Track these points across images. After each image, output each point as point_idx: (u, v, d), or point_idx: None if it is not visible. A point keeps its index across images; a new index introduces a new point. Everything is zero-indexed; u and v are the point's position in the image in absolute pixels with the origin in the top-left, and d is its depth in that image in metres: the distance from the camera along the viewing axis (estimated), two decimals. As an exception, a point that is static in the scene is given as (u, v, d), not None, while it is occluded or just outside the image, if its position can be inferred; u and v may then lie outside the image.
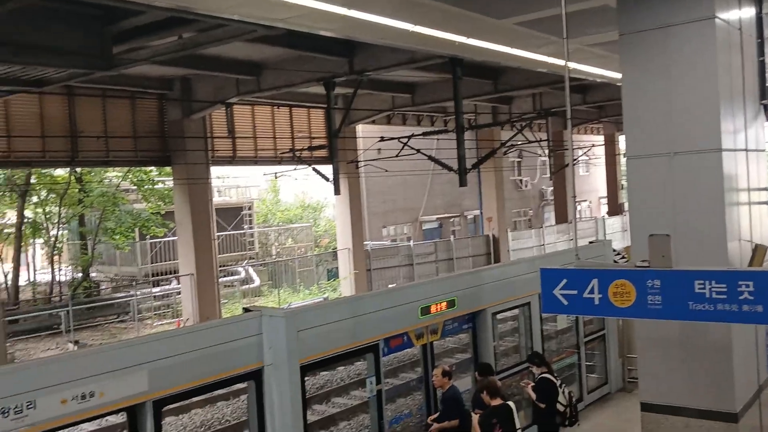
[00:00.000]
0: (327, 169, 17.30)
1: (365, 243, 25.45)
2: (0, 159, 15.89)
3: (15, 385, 5.57)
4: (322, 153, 19.86)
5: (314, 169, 17.35)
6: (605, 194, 40.29)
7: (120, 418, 10.47)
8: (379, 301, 9.07)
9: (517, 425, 8.09)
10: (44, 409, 5.71)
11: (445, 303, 9.58)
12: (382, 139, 16.89)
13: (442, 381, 8.91)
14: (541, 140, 21.77)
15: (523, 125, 17.94)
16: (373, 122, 24.39)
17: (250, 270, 26.74)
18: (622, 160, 31.58)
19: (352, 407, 13.39)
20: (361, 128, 24.94)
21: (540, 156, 34.46)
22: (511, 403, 8.18)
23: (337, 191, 17.03)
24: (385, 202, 32.00)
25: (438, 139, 17.75)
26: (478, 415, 8.20)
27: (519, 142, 20.09)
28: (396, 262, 26.04)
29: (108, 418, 8.93)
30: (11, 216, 24.69)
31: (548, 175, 35.20)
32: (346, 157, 19.56)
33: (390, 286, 24.85)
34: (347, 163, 19.66)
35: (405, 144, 16.08)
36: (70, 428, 6.08)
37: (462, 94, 15.27)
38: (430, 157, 16.08)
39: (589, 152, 32.76)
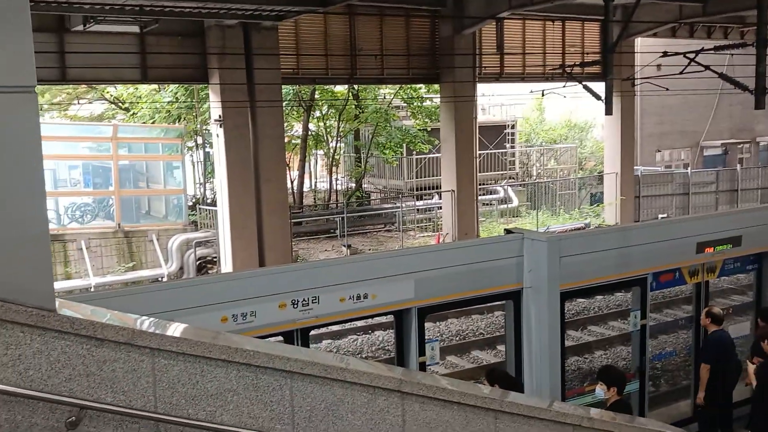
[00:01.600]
0: (599, 87, 16.33)
1: (635, 168, 23.92)
2: (289, 76, 17.46)
3: (305, 282, 6.26)
4: (595, 69, 18.80)
5: (585, 86, 16.47)
6: None
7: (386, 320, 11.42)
8: (652, 233, 8.52)
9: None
10: (326, 304, 6.37)
11: (727, 240, 8.70)
12: (665, 54, 15.41)
13: (705, 321, 8.24)
14: None
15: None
16: (655, 35, 22.32)
17: (509, 190, 26.75)
18: None
19: (609, 338, 13.05)
20: (640, 42, 23.02)
21: None
22: (797, 356, 7.33)
23: (608, 111, 16.01)
24: (661, 124, 29.57)
25: (731, 54, 15.72)
26: (756, 364, 7.48)
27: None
28: (669, 191, 24.18)
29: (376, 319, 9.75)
30: (298, 128, 27.30)
31: None
32: (620, 74, 18.28)
33: (660, 216, 23.27)
34: (622, 81, 18.39)
35: (692, 60, 14.53)
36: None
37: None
38: (720, 75, 14.37)
39: None
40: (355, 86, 24.46)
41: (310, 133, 26.37)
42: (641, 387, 8.40)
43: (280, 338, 6.13)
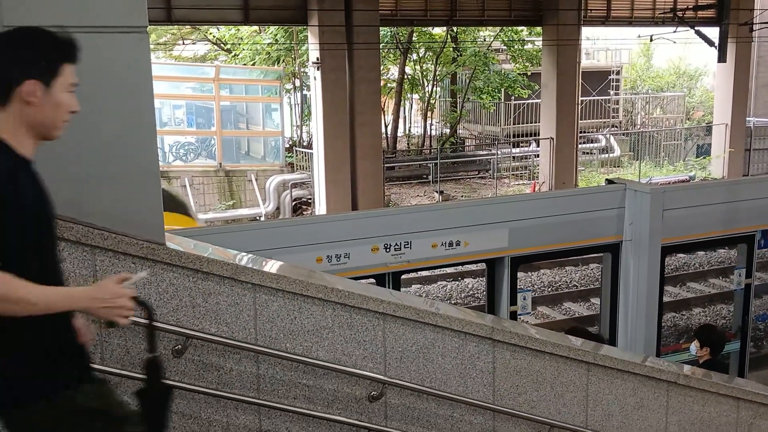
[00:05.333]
0: (712, 33, 15.33)
1: (748, 119, 22.46)
2: (387, 17, 17.29)
3: (398, 227, 6.32)
4: (710, 13, 17.60)
5: (697, 31, 15.53)
6: None
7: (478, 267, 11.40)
8: (762, 187, 8.03)
9: None
10: (418, 250, 6.41)
11: None
12: (790, -4, 14.22)
13: None
14: None
15: None
16: (779, -24, 20.61)
17: (612, 139, 25.75)
18: None
19: (710, 295, 12.56)
20: (762, -16, 21.32)
21: None
22: None
23: (722, 58, 15.13)
24: (780, 73, 27.52)
25: None
26: None
27: None
28: (784, 144, 22.65)
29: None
30: (393, 72, 27.10)
31: None
32: (738, 19, 17.05)
33: (773, 170, 21.89)
34: (738, 26, 17.15)
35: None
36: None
37: None
38: None
39: None
40: (454, 28, 23.92)
41: (406, 76, 26.14)
42: (742, 347, 8.09)
43: (372, 281, 6.24)
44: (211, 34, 26.48)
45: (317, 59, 16.12)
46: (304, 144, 23.88)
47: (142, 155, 3.17)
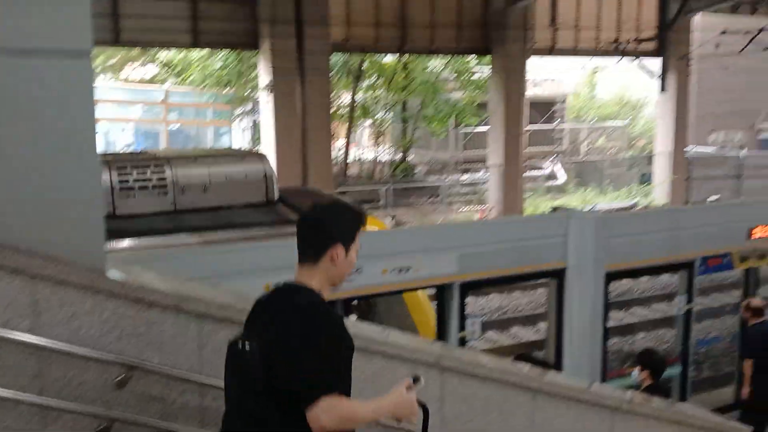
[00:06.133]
0: (654, 64, 15.91)
1: (688, 148, 23.29)
2: (339, 44, 17.41)
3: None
4: (651, 46, 18.27)
5: (639, 63, 16.07)
6: None
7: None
8: (702, 216, 8.32)
9: None
10: (369, 275, 6.39)
11: (781, 226, 8.45)
12: (725, 32, 14.89)
13: (745, 315, 8.05)
14: None
15: None
16: (715, 12, 21.53)
17: (557, 166, 26.35)
18: None
19: (653, 320, 12.87)
20: (699, 19, 22.24)
21: None
22: None
23: (663, 88, 15.67)
24: (717, 104, 28.66)
25: (796, 34, 15.10)
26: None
27: None
28: (722, 173, 23.50)
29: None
30: (345, 97, 27.26)
31: None
32: (677, 52, 17.75)
33: (711, 198, 22.64)
34: (678, 59, 17.86)
35: (753, 39, 14.01)
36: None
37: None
38: (782, 55, 13.83)
39: None
40: (405, 56, 24.24)
41: (357, 102, 26.32)
42: (683, 372, 8.28)
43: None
44: (160, 56, 26.22)
45: (268, 84, 16.11)
46: (255, 168, 23.62)
47: (83, 181, 3.09)
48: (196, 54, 23.88)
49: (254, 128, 25.36)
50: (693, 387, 8.54)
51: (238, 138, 25.74)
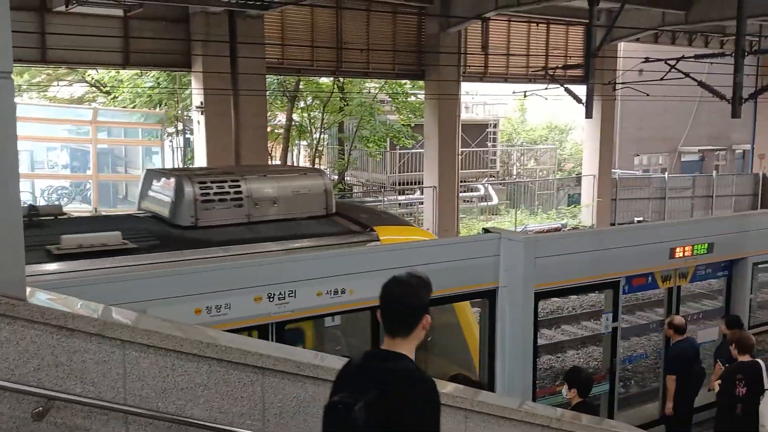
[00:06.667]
0: (580, 90, 16.46)
1: (613, 171, 24.15)
2: (274, 65, 17.37)
3: (281, 275, 6.25)
4: (577, 72, 18.93)
5: (566, 89, 16.59)
6: None
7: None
8: (626, 237, 8.61)
9: (766, 386, 7.39)
10: (303, 298, 6.35)
11: (700, 247, 8.83)
12: (646, 60, 15.56)
13: (668, 332, 8.38)
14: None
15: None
16: (638, 40, 22.52)
17: (490, 188, 26.87)
18: None
19: (582, 338, 13.20)
20: (622, 47, 23.22)
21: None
22: (760, 362, 7.47)
23: (588, 114, 16.16)
24: (640, 129, 29.86)
25: (711, 63, 15.88)
26: (723, 368, 7.62)
27: (812, 71, 17.33)
28: (646, 194, 24.46)
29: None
30: (281, 118, 27.14)
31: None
32: (602, 78, 18.41)
33: (636, 219, 23.52)
34: (603, 85, 18.52)
35: (672, 67, 14.68)
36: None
37: (747, 12, 13.39)
38: (700, 83, 14.53)
39: None
40: (341, 79, 24.39)
41: (293, 123, 26.25)
42: (611, 389, 8.50)
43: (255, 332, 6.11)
44: (89, 75, 25.57)
45: (201, 104, 15.90)
46: (187, 189, 23.21)
47: (2, 203, 2.98)
48: (127, 73, 23.39)
49: (186, 148, 24.94)
50: (620, 403, 8.78)
51: (169, 158, 25.26)
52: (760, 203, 25.86)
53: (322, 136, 27.55)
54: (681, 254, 8.68)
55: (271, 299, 6.15)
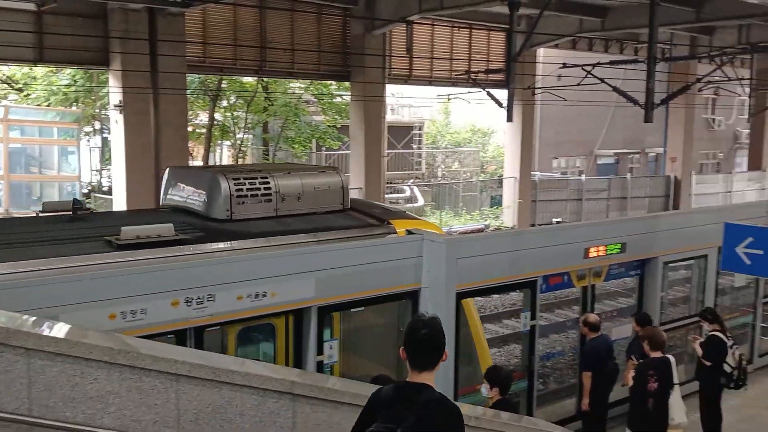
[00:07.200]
0: (502, 94, 16.83)
1: (533, 173, 24.81)
2: (196, 64, 17.00)
3: (200, 279, 6.12)
4: (499, 77, 19.34)
5: (488, 93, 16.93)
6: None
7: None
8: (543, 238, 8.87)
9: (675, 380, 7.75)
10: (222, 302, 6.25)
11: (613, 247, 9.18)
12: (564, 65, 16.05)
13: (583, 330, 8.68)
14: (742, 78, 19.67)
15: (725, 60, 16.24)
16: (556, 46, 23.24)
17: (415, 189, 27.13)
18: (839, 106, 27.86)
19: (504, 336, 13.48)
20: (542, 52, 23.89)
21: (739, 95, 31.28)
22: (670, 357, 7.83)
23: (509, 118, 16.52)
24: (558, 133, 30.81)
25: (626, 69, 16.55)
26: (635, 364, 7.93)
27: (717, 78, 18.30)
28: (564, 196, 25.23)
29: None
30: (203, 117, 26.61)
31: (746, 116, 31.96)
32: (523, 83, 18.86)
33: (555, 220, 24.22)
34: (523, 89, 19.00)
35: (588, 72, 15.20)
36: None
37: (659, 21, 14.02)
38: (614, 88, 15.08)
39: (799, 94, 29.20)
40: (265, 78, 24.12)
41: (216, 123, 25.77)
42: (530, 386, 8.72)
43: (172, 337, 5.97)
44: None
45: (120, 102, 15.40)
46: (104, 189, 22.53)
47: None
48: (41, 69, 22.43)
49: (104, 148, 24.14)
50: (539, 400, 9.02)
51: (86, 158, 24.39)
52: (672, 204, 27.09)
53: (245, 136, 27.17)
54: (595, 254, 9.01)
55: (189, 303, 6.02)
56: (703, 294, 10.76)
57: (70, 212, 7.24)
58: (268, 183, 7.75)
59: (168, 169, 8.67)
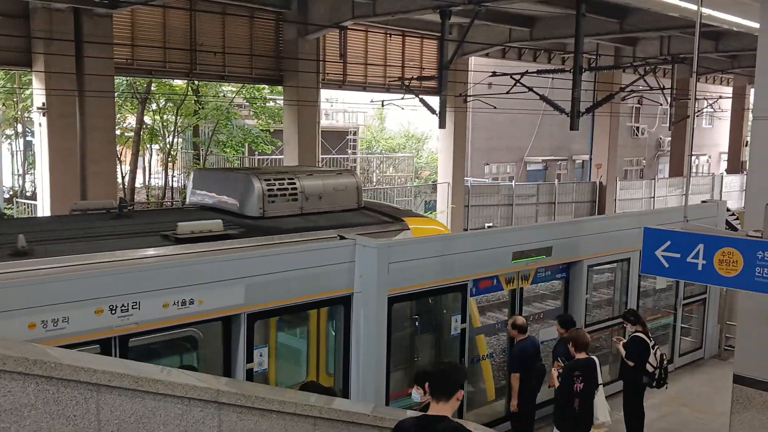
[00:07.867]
0: (434, 101, 17.06)
1: (465, 179, 25.20)
2: (124, 66, 16.58)
3: (124, 286, 5.97)
4: (431, 84, 19.57)
5: (421, 99, 17.13)
6: (726, 150, 37.91)
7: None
8: (472, 242, 9.03)
9: (600, 381, 8.00)
10: (148, 310, 6.11)
11: (540, 251, 9.42)
12: (494, 74, 16.40)
13: (512, 332, 8.88)
14: (664, 87, 20.52)
15: (647, 70, 16.91)
16: (487, 55, 23.68)
17: (351, 194, 27.12)
18: (750, 116, 29.41)
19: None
20: (473, 61, 24.31)
21: (661, 104, 32.59)
22: (595, 358, 8.07)
23: (442, 124, 16.80)
24: (490, 139, 31.40)
25: (553, 78, 17.04)
26: (559, 368, 8.13)
27: (640, 88, 19.04)
28: (495, 201, 25.72)
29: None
30: (131, 121, 25.92)
31: (668, 124, 33.34)
32: (455, 90, 19.18)
33: (487, 224, 24.66)
34: (455, 97, 19.30)
35: (517, 81, 15.57)
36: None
37: (584, 32, 14.51)
38: (542, 97, 15.53)
39: (716, 104, 30.67)
40: (195, 81, 23.70)
41: (145, 126, 25.16)
42: (460, 388, 8.82)
43: (96, 347, 5.80)
44: None
45: (43, 104, 14.86)
46: (27, 194, 21.68)
47: None
48: (-43, 68, 21.44)
49: (27, 151, 23.25)
50: (470, 402, 9.15)
51: (8, 162, 23.42)
52: (597, 209, 27.98)
53: (175, 140, 26.63)
54: (522, 257, 9.22)
55: (114, 311, 5.87)
56: (627, 296, 11.14)
57: (106, 210, 7.92)
58: (294, 183, 8.52)
59: (193, 171, 9.32)
